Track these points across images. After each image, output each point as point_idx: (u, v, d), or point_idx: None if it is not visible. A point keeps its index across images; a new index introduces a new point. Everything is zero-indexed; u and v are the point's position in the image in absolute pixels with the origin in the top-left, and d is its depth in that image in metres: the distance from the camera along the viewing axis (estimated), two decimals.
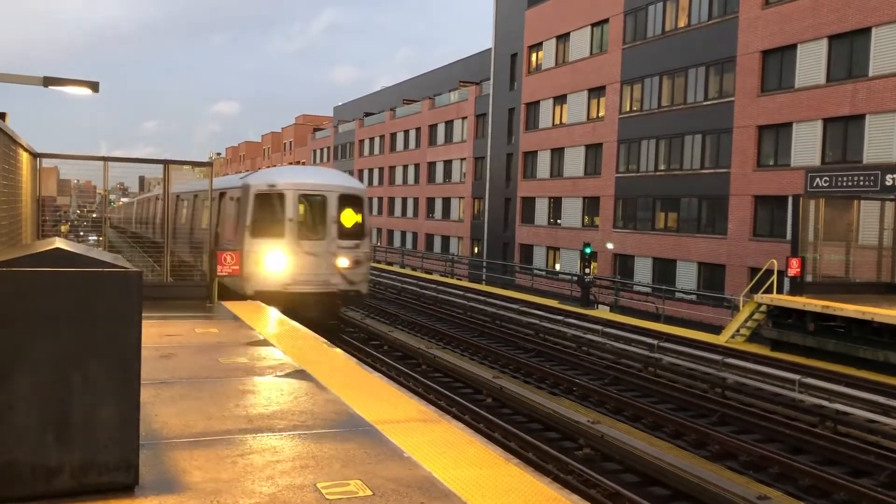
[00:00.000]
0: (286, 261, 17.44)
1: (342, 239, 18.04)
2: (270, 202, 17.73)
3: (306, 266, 17.61)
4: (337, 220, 18.06)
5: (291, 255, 17.53)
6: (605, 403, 14.52)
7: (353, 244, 18.24)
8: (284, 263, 17.41)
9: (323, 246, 17.88)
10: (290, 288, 17.33)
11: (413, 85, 68.87)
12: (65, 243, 4.86)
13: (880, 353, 15.95)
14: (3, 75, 10.89)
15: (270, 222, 17.62)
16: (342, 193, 18.34)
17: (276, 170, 22.57)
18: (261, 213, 17.64)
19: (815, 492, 10.28)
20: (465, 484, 5.06)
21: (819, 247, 20.37)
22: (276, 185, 17.80)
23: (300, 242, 17.67)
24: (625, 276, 37.22)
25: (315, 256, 17.73)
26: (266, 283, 17.13)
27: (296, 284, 17.43)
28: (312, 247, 17.77)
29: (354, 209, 18.41)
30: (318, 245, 17.84)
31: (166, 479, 4.90)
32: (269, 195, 17.74)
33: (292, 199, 17.77)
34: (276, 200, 17.75)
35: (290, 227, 17.63)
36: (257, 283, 17.09)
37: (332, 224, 18.00)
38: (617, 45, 39.49)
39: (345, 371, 8.56)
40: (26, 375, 4.31)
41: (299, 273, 17.52)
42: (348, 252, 18.12)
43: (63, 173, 34.24)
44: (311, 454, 5.53)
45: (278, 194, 17.75)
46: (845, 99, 27.48)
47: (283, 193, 17.74)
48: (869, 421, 12.56)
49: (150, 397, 6.72)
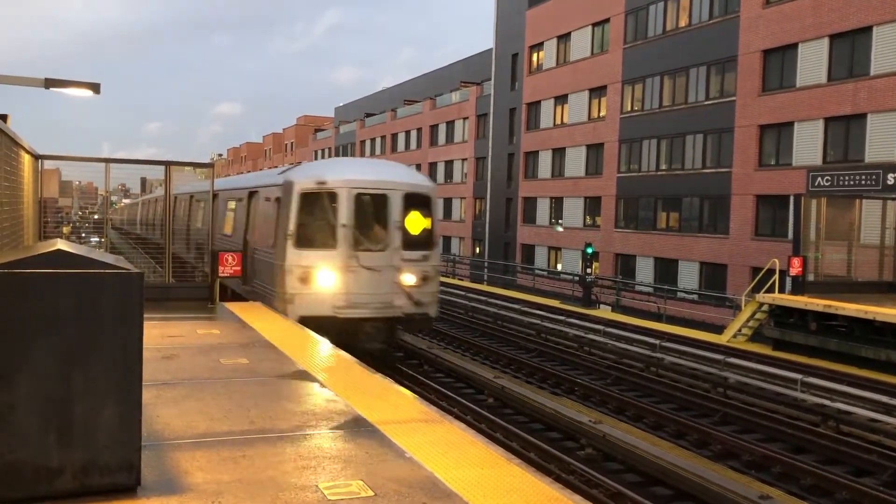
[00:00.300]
0: (339, 277, 14.28)
1: (408, 249, 14.83)
2: (319, 203, 14.62)
3: (364, 284, 14.41)
4: (401, 226, 14.82)
5: (346, 269, 14.33)
6: (607, 403, 14.52)
7: (420, 255, 14.98)
8: (337, 281, 14.27)
9: (384, 258, 14.62)
10: (343, 312, 14.24)
11: (414, 85, 68.88)
12: (67, 245, 4.87)
13: (882, 353, 15.94)
14: (5, 77, 10.90)
15: (319, 229, 14.58)
16: (408, 192, 15.00)
17: (325, 163, 18.88)
18: (307, 218, 14.52)
19: (817, 491, 10.27)
20: (466, 484, 5.06)
21: (821, 246, 20.38)
22: (326, 183, 14.57)
23: (356, 254, 14.41)
24: (626, 275, 37.20)
25: (374, 272, 14.49)
26: (314, 305, 14.06)
27: (350, 308, 14.32)
28: (371, 259, 14.50)
29: (422, 212, 15.21)
30: (378, 257, 14.58)
31: (168, 479, 4.91)
32: (318, 195, 14.56)
33: (347, 200, 14.47)
34: (326, 201, 14.57)
35: (344, 234, 14.37)
36: (303, 305, 14.04)
37: (395, 231, 14.75)
38: (618, 44, 39.47)
39: (347, 372, 8.57)
40: (28, 376, 4.31)
41: (355, 293, 14.35)
42: (415, 266, 14.87)
43: (65, 175, 34.32)
44: (313, 455, 5.53)
45: (329, 193, 14.51)
46: (847, 98, 27.45)
47: (336, 192, 14.47)
48: (871, 420, 12.56)
49: (151, 398, 6.72)
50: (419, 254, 14.97)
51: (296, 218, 14.36)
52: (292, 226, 14.34)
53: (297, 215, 14.37)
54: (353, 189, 14.58)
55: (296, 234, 14.32)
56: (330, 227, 14.48)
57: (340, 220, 14.39)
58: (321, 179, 14.64)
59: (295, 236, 14.30)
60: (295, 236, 14.30)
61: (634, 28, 38.52)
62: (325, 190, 14.56)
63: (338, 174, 14.91)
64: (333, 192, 14.49)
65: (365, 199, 14.78)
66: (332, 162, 19.76)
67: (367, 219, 14.88)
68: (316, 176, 14.80)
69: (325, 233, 14.51)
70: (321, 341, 10.49)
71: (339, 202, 14.45)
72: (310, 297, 14.09)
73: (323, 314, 13.93)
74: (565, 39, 44.24)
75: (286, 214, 14.49)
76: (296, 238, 14.29)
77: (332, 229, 14.45)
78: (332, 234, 14.43)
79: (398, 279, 14.67)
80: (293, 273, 14.10)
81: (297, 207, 14.38)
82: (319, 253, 14.30)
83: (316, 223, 14.60)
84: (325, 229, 14.52)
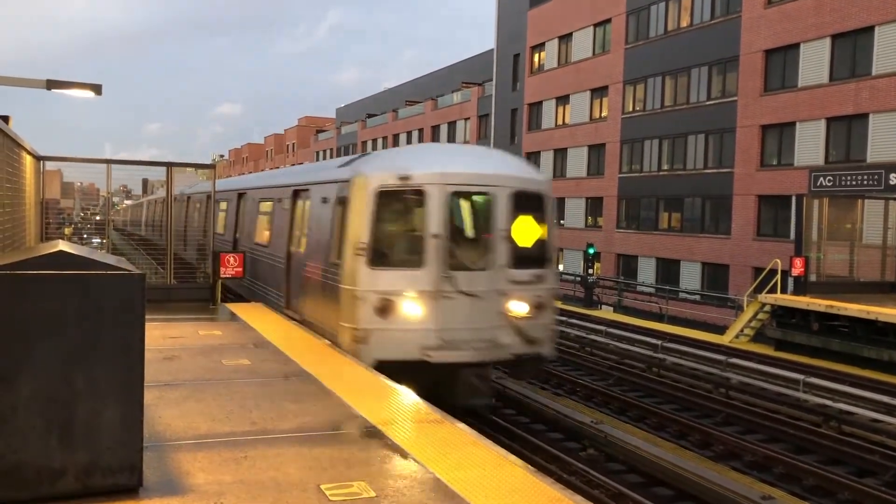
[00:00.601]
0: (429, 307, 10.53)
1: (517, 267, 11.02)
2: (402, 205, 11.11)
3: (462, 315, 10.67)
4: (509, 236, 11.02)
5: (438, 296, 10.57)
6: (608, 404, 14.51)
7: (532, 275, 11.19)
8: (426, 311, 10.54)
9: (487, 280, 10.84)
10: (436, 355, 10.52)
11: (415, 86, 68.90)
12: (68, 246, 4.87)
13: (885, 353, 15.93)
14: (6, 78, 10.93)
15: (402, 240, 11.08)
16: (518, 190, 11.18)
17: (406, 151, 15.31)
18: (386, 226, 10.96)
19: (819, 492, 10.26)
20: (468, 485, 5.07)
21: (823, 246, 20.37)
22: (412, 177, 10.77)
23: (452, 275, 10.61)
24: (628, 276, 37.20)
25: (475, 298, 10.74)
26: (396, 346, 10.43)
27: (445, 349, 10.59)
28: (471, 282, 10.72)
29: (536, 216, 11.43)
30: (479, 279, 10.81)
31: (170, 480, 4.92)
32: (401, 194, 10.90)
33: (440, 201, 10.68)
34: (411, 203, 11.01)
35: (435, 248, 10.59)
36: (381, 346, 10.39)
37: (501, 242, 10.94)
38: (619, 45, 39.47)
39: (348, 373, 8.57)
40: (30, 378, 4.32)
41: (451, 328, 10.62)
42: (526, 289, 11.09)
43: (66, 176, 34.36)
44: (315, 455, 5.53)
45: (416, 191, 10.77)
46: (849, 98, 27.44)
47: (425, 191, 10.70)
48: (873, 421, 12.54)
49: (153, 399, 6.73)
50: (531, 273, 11.19)
51: (370, 226, 10.64)
52: (365, 236, 10.59)
53: (372, 222, 10.65)
54: (448, 186, 10.78)
55: (371, 248, 10.59)
56: (417, 239, 10.77)
57: (431, 229, 10.61)
58: (405, 173, 10.77)
59: (370, 251, 10.58)
60: (370, 251, 10.58)
61: (636, 28, 38.53)
62: (411, 187, 10.77)
63: (427, 165, 11.05)
64: (421, 189, 10.71)
65: (463, 199, 11.29)
66: (415, 150, 15.61)
67: (465, 226, 11.45)
68: (398, 168, 10.90)
69: (411, 246, 10.86)
70: (322, 342, 10.47)
71: (428, 204, 10.66)
72: (390, 335, 10.47)
73: (409, 357, 10.39)
74: (567, 40, 44.25)
75: (356, 221, 10.78)
76: (371, 253, 10.58)
77: (419, 241, 10.70)
78: (419, 248, 10.67)
79: (504, 308, 10.96)
80: (367, 301, 10.46)
81: (372, 211, 10.66)
82: (402, 274, 10.64)
83: (397, 233, 11.15)
84: (410, 241, 10.91)
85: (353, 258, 10.69)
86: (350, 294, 10.65)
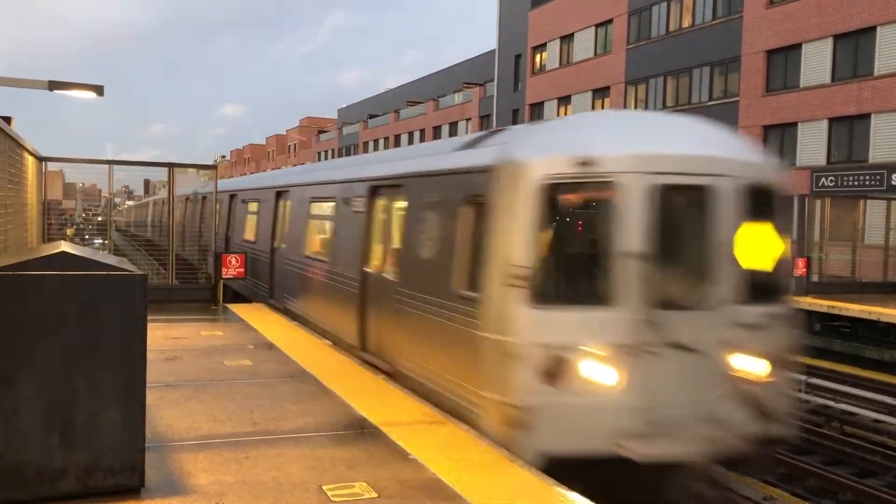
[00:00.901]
0: (627, 370, 6.48)
1: (747, 303, 6.98)
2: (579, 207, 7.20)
3: (675, 382, 6.63)
4: (733, 254, 6.95)
5: (640, 351, 6.54)
6: None
7: (767, 315, 7.13)
8: (622, 377, 6.48)
9: (706, 324, 6.82)
10: (639, 448, 6.42)
11: (417, 86, 68.93)
12: (70, 247, 4.88)
13: (887, 353, 15.92)
14: (9, 79, 10.94)
15: (580, 263, 7.23)
16: (751, 183, 7.09)
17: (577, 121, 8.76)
18: (554, 239, 6.93)
19: (820, 492, 10.24)
20: (470, 486, 5.06)
21: (825, 247, 20.34)
22: (597, 162, 6.63)
23: (660, 317, 6.59)
24: None
25: (691, 354, 6.70)
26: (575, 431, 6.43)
27: (654, 437, 6.51)
28: (684, 328, 6.69)
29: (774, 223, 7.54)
30: (696, 323, 6.79)
31: (171, 481, 4.92)
32: (579, 188, 6.85)
33: (643, 200, 6.63)
34: (594, 202, 7.02)
35: (635, 275, 6.56)
36: (553, 431, 6.38)
37: (724, 264, 6.91)
38: (621, 45, 39.46)
39: (348, 373, 8.56)
40: (32, 378, 4.33)
41: (661, 404, 6.57)
42: (759, 336, 7.03)
43: (68, 177, 34.39)
44: (316, 456, 5.53)
45: (602, 184, 6.70)
46: (851, 98, 27.41)
47: (619, 183, 6.62)
48: (875, 421, 12.53)
49: (155, 400, 6.73)
50: (766, 312, 7.13)
51: (533, 240, 6.69)
52: (524, 257, 6.65)
53: (535, 234, 6.71)
54: (656, 176, 6.69)
55: (535, 276, 6.62)
56: (603, 261, 6.73)
57: (629, 245, 6.58)
58: (587, 155, 6.64)
59: (533, 280, 6.60)
60: (533, 280, 6.60)
61: (637, 28, 38.52)
62: (595, 178, 6.68)
63: (619, 144, 6.89)
64: (611, 181, 6.64)
65: (673, 196, 6.84)
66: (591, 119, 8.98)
67: (673, 240, 6.94)
68: (575, 149, 6.77)
69: (595, 272, 6.85)
70: (323, 343, 10.45)
71: (625, 204, 6.62)
72: (567, 413, 6.46)
73: (595, 448, 6.43)
74: (568, 40, 44.24)
75: (507, 232, 6.79)
76: (535, 284, 6.60)
77: (606, 265, 6.68)
78: (608, 276, 6.65)
79: (728, 368, 6.88)
80: (529, 360, 6.47)
81: (535, 217, 6.68)
82: (583, 316, 6.65)
83: (575, 252, 7.33)
84: (594, 264, 6.91)
85: (501, 290, 6.73)
86: (498, 347, 6.68)
